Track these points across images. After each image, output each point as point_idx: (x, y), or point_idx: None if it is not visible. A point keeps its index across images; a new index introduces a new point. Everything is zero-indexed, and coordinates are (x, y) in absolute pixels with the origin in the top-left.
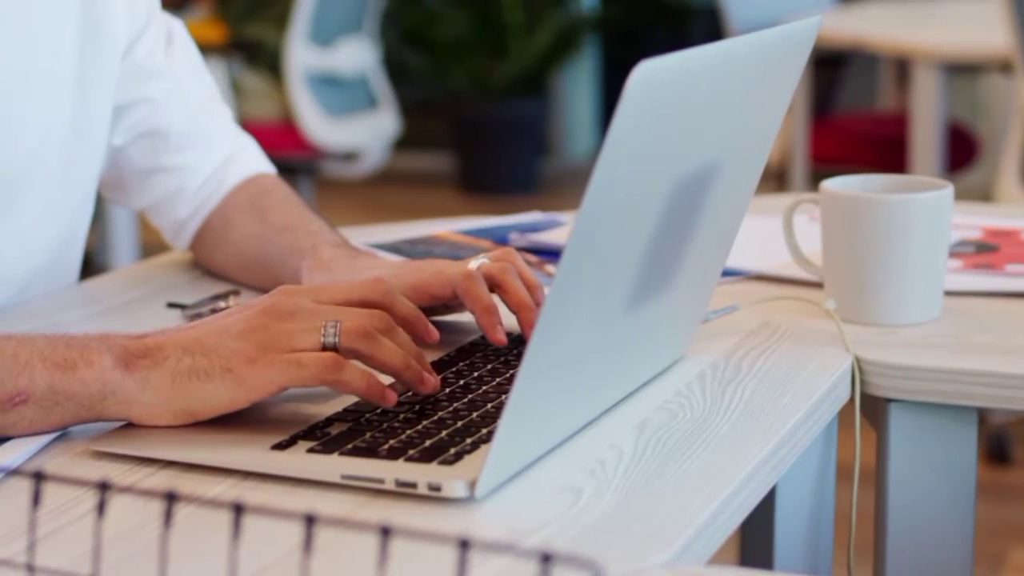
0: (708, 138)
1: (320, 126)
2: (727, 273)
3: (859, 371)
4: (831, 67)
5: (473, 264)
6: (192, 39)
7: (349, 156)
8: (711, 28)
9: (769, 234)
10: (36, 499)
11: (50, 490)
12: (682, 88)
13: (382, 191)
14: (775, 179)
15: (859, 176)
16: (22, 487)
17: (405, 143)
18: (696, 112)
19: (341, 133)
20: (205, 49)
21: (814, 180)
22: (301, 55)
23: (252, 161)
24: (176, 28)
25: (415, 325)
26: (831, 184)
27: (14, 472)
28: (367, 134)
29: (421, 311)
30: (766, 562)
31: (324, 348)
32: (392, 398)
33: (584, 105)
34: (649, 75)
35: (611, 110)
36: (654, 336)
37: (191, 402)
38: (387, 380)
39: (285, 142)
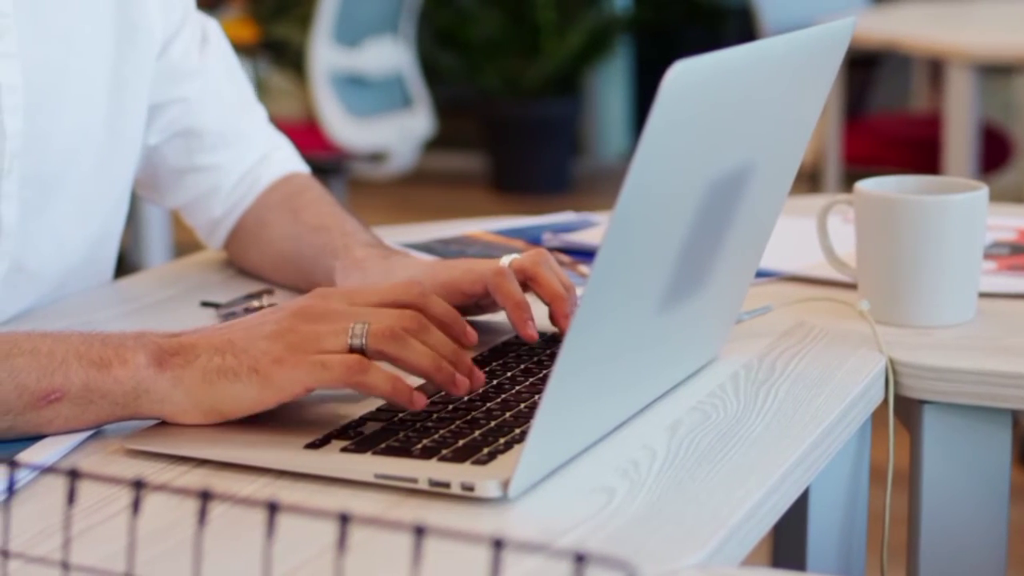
0: (743, 139)
1: (343, 126)
2: (761, 274)
3: (893, 373)
4: (864, 68)
5: (504, 260)
6: (227, 39)
7: (376, 157)
8: (744, 28)
9: (803, 235)
10: (71, 497)
11: (84, 488)
12: (717, 88)
13: (414, 191)
14: (808, 180)
15: (893, 177)
16: (56, 485)
17: (437, 143)
18: (731, 112)
19: (366, 134)
20: (236, 49)
21: (847, 181)
22: (325, 55)
23: (286, 160)
24: (211, 28)
25: (451, 327)
26: (865, 185)
27: (49, 470)
28: (395, 135)
29: (458, 312)
30: (799, 564)
31: (351, 350)
32: (420, 401)
33: (616, 105)
34: (684, 75)
35: (643, 110)
36: (687, 337)
37: (219, 401)
38: (419, 382)
39: (308, 142)
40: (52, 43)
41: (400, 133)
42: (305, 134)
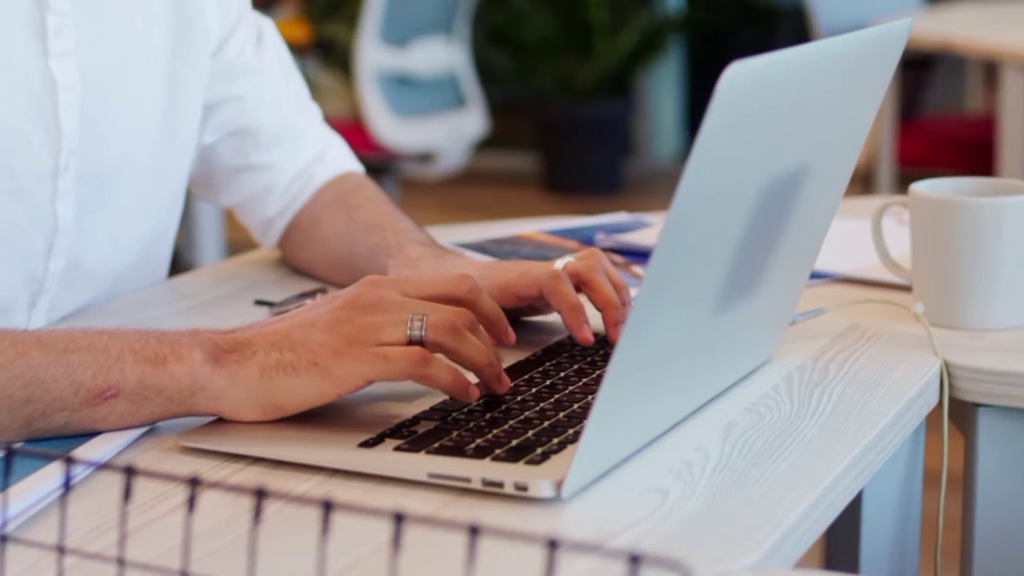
0: (798, 140)
1: (389, 126)
2: (815, 276)
3: (947, 375)
4: (919, 69)
5: (559, 264)
6: (282, 38)
7: (424, 157)
8: (797, 29)
9: (857, 236)
10: (127, 493)
11: (139, 485)
12: (773, 89)
13: (466, 191)
14: (861, 181)
15: (949, 179)
16: (111, 481)
17: (490, 143)
18: (786, 114)
19: (413, 134)
20: (290, 48)
21: (900, 183)
22: (372, 54)
23: (340, 159)
24: (266, 27)
25: (496, 325)
26: (921, 187)
27: (104, 466)
28: (444, 135)
29: (504, 312)
30: (852, 567)
31: (410, 342)
32: (476, 394)
33: (669, 106)
34: (740, 76)
35: (695, 111)
36: (741, 338)
37: (278, 396)
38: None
39: (355, 142)
40: (109, 42)
41: (450, 133)
42: (351, 134)
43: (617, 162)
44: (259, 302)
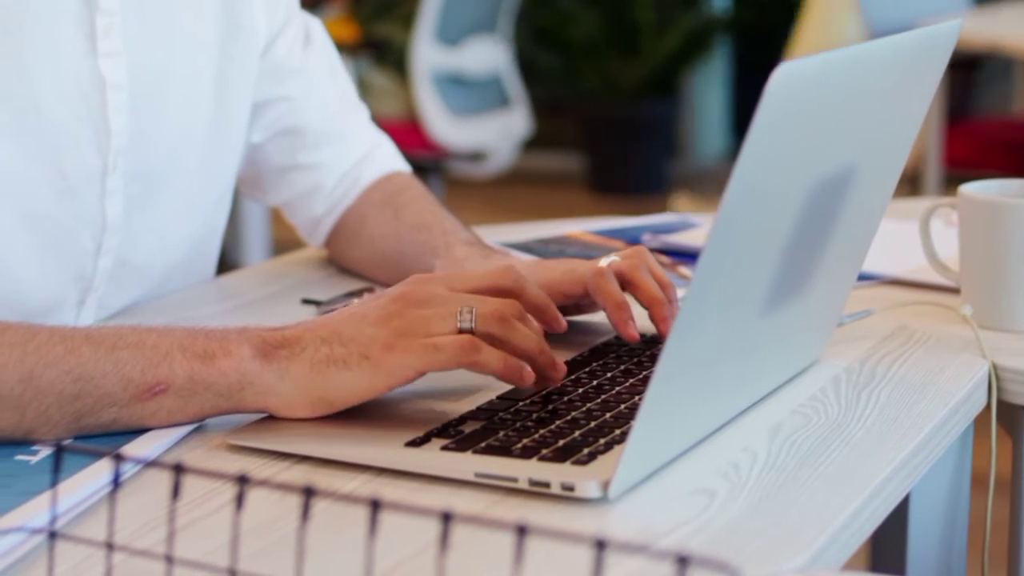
0: (846, 141)
1: (445, 125)
2: (862, 277)
3: (996, 378)
4: (966, 70)
5: (603, 262)
6: (330, 38)
7: (476, 156)
8: None
9: (904, 238)
10: (176, 491)
11: (187, 483)
12: (822, 90)
13: (511, 190)
14: (908, 183)
15: (997, 181)
16: (159, 479)
17: (535, 143)
18: (835, 115)
19: (466, 133)
20: (337, 48)
21: (947, 184)
22: (427, 54)
23: (387, 159)
24: (314, 27)
25: (544, 313)
26: (969, 189)
27: (152, 463)
28: (495, 134)
29: (550, 300)
30: (898, 570)
31: (460, 332)
32: (531, 377)
33: (715, 106)
34: (790, 76)
35: (741, 111)
36: (789, 340)
37: (328, 391)
38: None
39: (410, 141)
40: (158, 41)
41: (499, 132)
42: (407, 133)
43: (662, 162)
44: (306, 301)
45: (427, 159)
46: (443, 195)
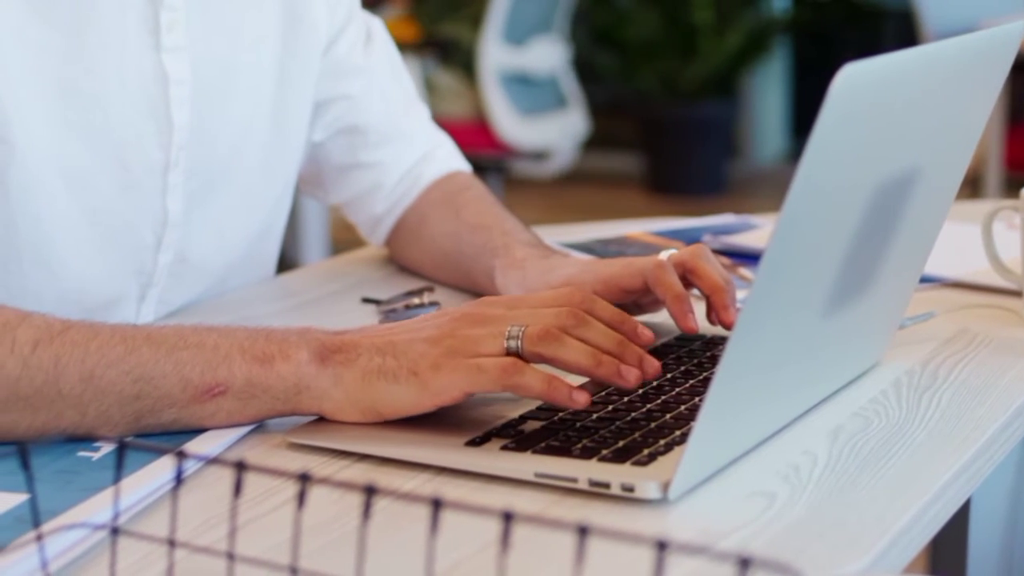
0: (909, 143)
1: (512, 125)
2: (924, 280)
3: None
4: None
5: (663, 255)
6: (391, 37)
7: (540, 155)
8: (904, 30)
9: (966, 241)
10: (237, 488)
11: (247, 480)
12: (885, 91)
13: (569, 191)
14: (969, 185)
15: None
16: (219, 476)
17: (593, 143)
18: (898, 116)
19: (532, 132)
20: (399, 47)
21: (1008, 187)
22: (495, 54)
23: (448, 159)
24: (375, 26)
25: (621, 327)
26: None
27: (214, 461)
28: (557, 133)
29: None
30: (958, 574)
31: (508, 352)
32: (582, 399)
33: (774, 107)
34: (853, 77)
35: (801, 112)
36: (850, 342)
37: (377, 401)
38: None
39: (477, 140)
40: (220, 38)
41: (562, 132)
42: (474, 133)
43: (721, 163)
44: (366, 300)
45: (492, 159)
46: (502, 195)
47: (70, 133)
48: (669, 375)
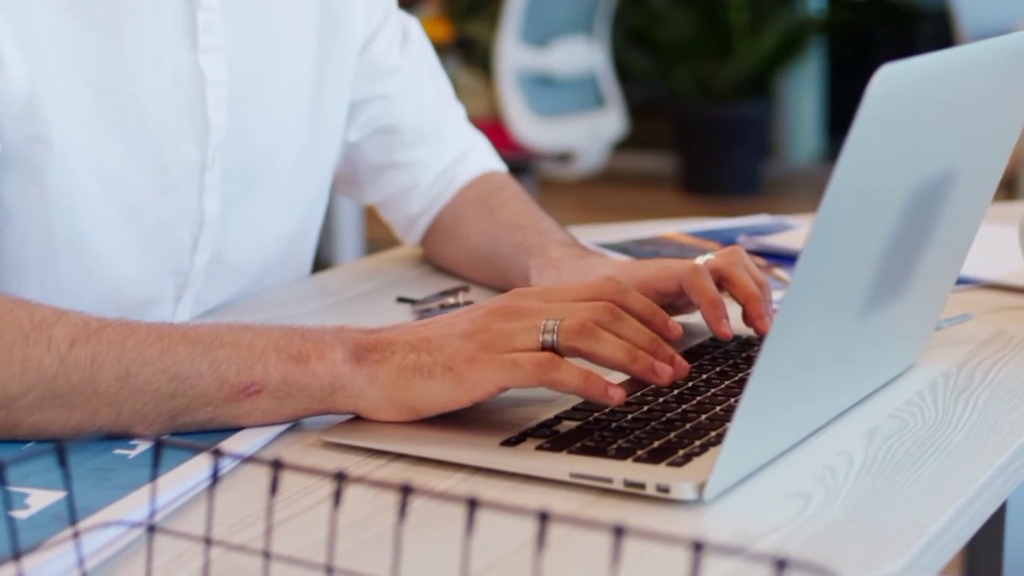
0: (947, 144)
1: (528, 126)
2: (960, 281)
3: None
4: None
5: (700, 259)
6: (427, 37)
7: (563, 157)
8: (940, 31)
9: (1003, 242)
10: (274, 487)
11: (283, 479)
12: (923, 93)
13: (603, 191)
14: (1004, 187)
15: None
16: (254, 475)
17: (628, 143)
18: (936, 117)
19: (552, 134)
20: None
21: None
22: (512, 54)
23: (483, 159)
24: (412, 26)
25: (652, 321)
26: None
27: (250, 459)
28: (583, 135)
29: (657, 306)
30: None
31: (543, 347)
32: (617, 395)
33: (809, 108)
34: (891, 78)
35: (836, 113)
36: (886, 343)
37: (412, 398)
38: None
39: (493, 140)
40: (257, 38)
41: (589, 133)
42: (491, 132)
43: (755, 164)
44: (401, 299)
45: (513, 159)
46: (536, 195)
47: (107, 133)
48: (704, 376)
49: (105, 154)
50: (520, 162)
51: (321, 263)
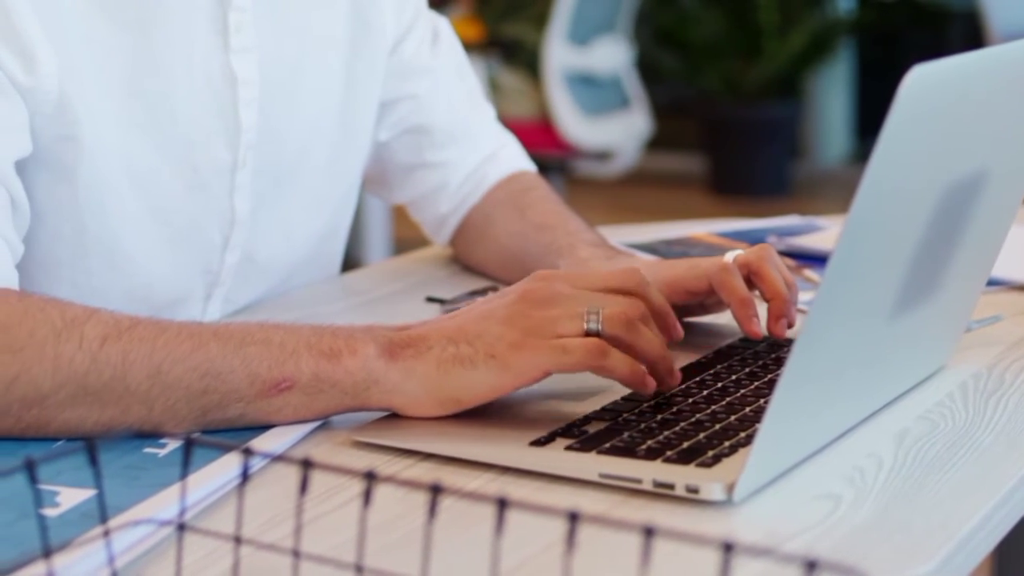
0: (978, 145)
1: (577, 125)
2: (991, 282)
3: None
4: None
5: (728, 256)
6: (457, 37)
7: (603, 155)
8: (970, 32)
9: None
10: (304, 486)
11: (313, 478)
12: (954, 93)
13: (632, 191)
14: None
15: None
16: (285, 473)
17: (656, 143)
18: (967, 118)
19: (596, 132)
20: (463, 47)
21: None
22: (559, 54)
23: (513, 159)
24: (442, 26)
25: (664, 319)
26: None
27: (280, 458)
28: (621, 134)
29: (672, 308)
30: None
31: (587, 334)
32: (653, 386)
33: (838, 108)
34: (922, 79)
35: (865, 114)
36: (916, 345)
37: (456, 389)
38: None
39: (542, 141)
40: (288, 38)
41: (625, 132)
42: (538, 133)
43: (784, 164)
44: (430, 299)
45: (555, 158)
46: (565, 195)
47: (138, 132)
48: (734, 377)
49: (136, 153)
50: (559, 161)
51: (350, 263)
